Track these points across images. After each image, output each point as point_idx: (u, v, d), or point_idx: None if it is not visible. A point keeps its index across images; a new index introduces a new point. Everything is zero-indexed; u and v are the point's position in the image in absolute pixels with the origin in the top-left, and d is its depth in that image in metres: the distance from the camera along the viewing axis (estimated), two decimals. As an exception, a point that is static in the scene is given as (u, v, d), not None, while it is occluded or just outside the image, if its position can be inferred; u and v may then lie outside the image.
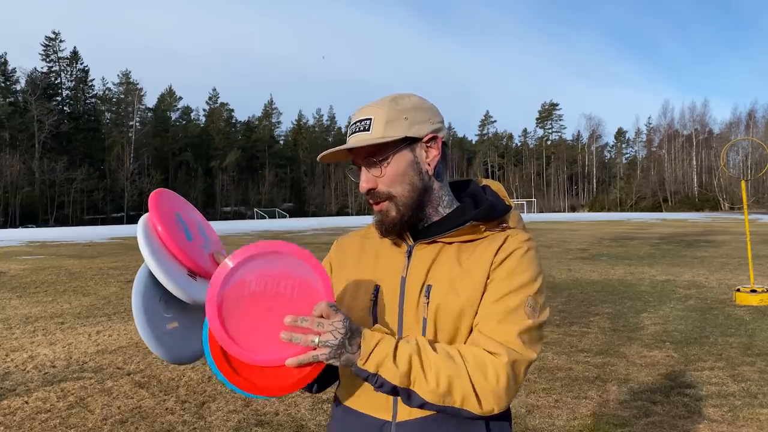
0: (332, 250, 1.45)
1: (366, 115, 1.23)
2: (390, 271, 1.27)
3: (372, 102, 1.26)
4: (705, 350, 5.68)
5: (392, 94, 1.28)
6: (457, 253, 1.24)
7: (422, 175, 1.24)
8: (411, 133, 1.22)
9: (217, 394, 4.59)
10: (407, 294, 1.23)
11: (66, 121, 75.95)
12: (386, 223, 1.24)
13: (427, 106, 1.27)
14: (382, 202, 1.24)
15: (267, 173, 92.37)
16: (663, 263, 13.57)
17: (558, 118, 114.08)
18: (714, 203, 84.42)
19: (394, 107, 1.23)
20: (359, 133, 1.23)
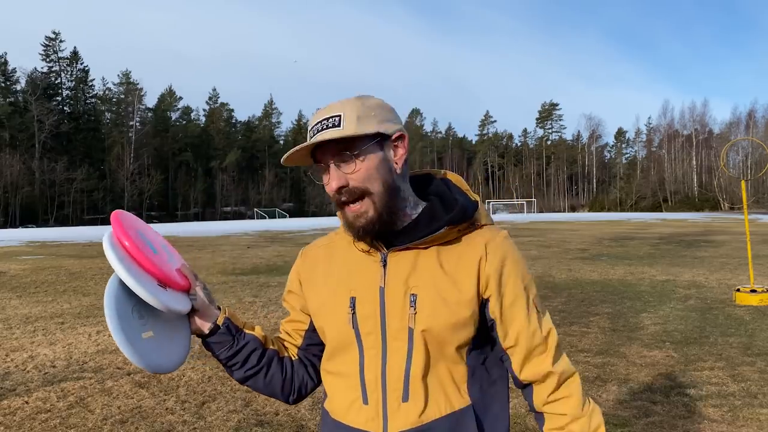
0: (298, 263, 1.39)
1: (333, 112, 1.17)
2: (365, 281, 1.22)
3: (334, 102, 1.21)
4: (705, 350, 5.68)
5: (349, 98, 1.22)
6: (437, 258, 1.21)
7: (392, 174, 1.20)
8: (381, 129, 1.18)
9: (217, 394, 4.59)
10: (388, 304, 1.19)
11: (66, 121, 75.98)
12: (363, 223, 1.18)
13: (390, 106, 1.24)
14: (357, 200, 1.18)
15: (267, 173, 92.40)
16: (663, 263, 13.57)
17: (558, 118, 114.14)
18: (714, 203, 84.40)
19: (361, 104, 1.19)
20: (328, 130, 1.16)
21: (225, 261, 15.68)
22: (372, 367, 1.20)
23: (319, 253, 1.36)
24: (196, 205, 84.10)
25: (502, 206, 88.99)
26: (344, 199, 1.18)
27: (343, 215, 1.21)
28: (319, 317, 1.29)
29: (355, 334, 1.21)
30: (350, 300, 1.23)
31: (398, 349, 1.19)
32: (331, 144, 1.16)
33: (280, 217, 74.67)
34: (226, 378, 4.98)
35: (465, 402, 1.21)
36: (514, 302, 1.22)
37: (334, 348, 1.26)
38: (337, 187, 1.17)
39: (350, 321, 1.22)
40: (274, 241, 24.80)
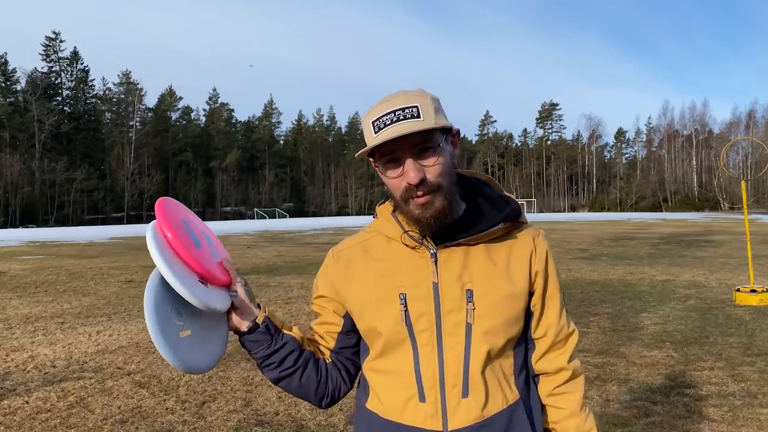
0: (330, 265, 1.33)
1: (410, 103, 1.13)
2: (415, 277, 1.21)
3: (398, 93, 1.17)
4: (705, 350, 5.68)
5: (409, 89, 1.19)
6: (488, 254, 1.23)
7: (454, 169, 1.22)
8: (448, 124, 1.18)
9: (217, 394, 4.59)
10: (444, 300, 1.19)
11: (66, 121, 75.95)
12: (433, 213, 1.15)
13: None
14: (428, 194, 1.15)
15: (267, 173, 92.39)
16: (663, 263, 13.57)
17: (558, 118, 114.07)
18: (714, 203, 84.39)
19: (430, 97, 1.16)
20: (407, 120, 1.12)
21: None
22: (428, 363, 1.19)
23: (353, 252, 1.31)
24: (196, 205, 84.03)
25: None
26: (419, 192, 1.14)
27: (406, 209, 1.18)
28: (365, 317, 1.25)
29: (408, 332, 1.20)
30: (400, 297, 1.20)
31: (455, 345, 1.18)
32: (409, 136, 1.12)
33: (280, 217, 74.67)
34: (226, 378, 4.99)
35: (516, 395, 1.24)
36: (551, 296, 1.29)
37: (384, 346, 1.23)
38: (418, 180, 1.13)
39: (402, 319, 1.20)
40: (274, 241, 24.80)
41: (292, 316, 7.67)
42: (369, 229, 1.33)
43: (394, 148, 1.14)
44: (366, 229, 1.34)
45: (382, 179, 1.22)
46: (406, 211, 1.18)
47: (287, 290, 10.06)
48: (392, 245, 1.25)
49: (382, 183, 1.24)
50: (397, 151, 1.14)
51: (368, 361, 1.29)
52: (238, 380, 4.92)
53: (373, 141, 1.14)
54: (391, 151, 1.14)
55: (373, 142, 1.14)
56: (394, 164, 1.16)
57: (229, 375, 5.07)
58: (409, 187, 1.14)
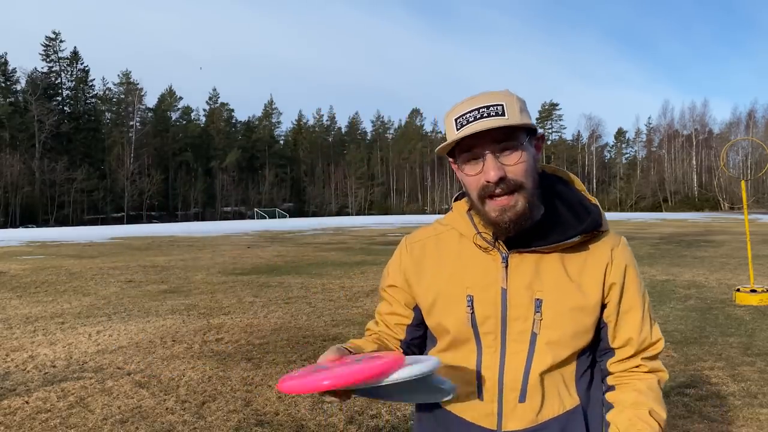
0: (403, 255, 1.31)
1: (495, 101, 1.11)
2: (484, 280, 1.19)
3: (482, 93, 1.15)
4: (705, 350, 5.68)
5: (495, 90, 1.18)
6: (562, 264, 1.20)
7: (536, 171, 1.18)
8: (533, 125, 1.15)
9: (217, 394, 4.59)
10: (511, 306, 1.18)
11: (66, 121, 75.95)
12: (513, 216, 1.12)
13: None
14: (509, 194, 1.11)
15: (267, 173, 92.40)
16: (663, 263, 13.57)
17: (558, 118, 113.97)
18: (714, 203, 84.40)
19: (516, 97, 1.15)
20: (491, 118, 1.10)
21: (225, 261, 15.68)
22: (490, 365, 1.20)
23: (427, 244, 1.30)
24: (196, 205, 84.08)
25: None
26: (498, 191, 1.11)
27: (482, 209, 1.15)
28: (434, 314, 1.25)
29: (474, 333, 1.20)
30: (467, 298, 1.20)
31: (518, 352, 1.18)
32: (491, 132, 1.10)
33: (280, 217, 74.67)
34: (226, 378, 4.99)
35: (575, 402, 1.23)
36: (631, 309, 1.23)
37: (450, 342, 1.24)
38: (497, 178, 1.09)
39: (469, 320, 1.20)
40: (274, 241, 24.80)
41: (292, 317, 7.67)
42: (443, 222, 1.32)
43: (475, 143, 1.11)
44: (441, 222, 1.33)
45: (460, 177, 1.19)
46: (483, 212, 1.15)
47: (287, 290, 10.06)
48: (464, 243, 1.25)
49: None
50: (478, 147, 1.12)
51: (434, 351, 1.30)
52: (238, 380, 4.92)
53: (455, 135, 1.12)
54: (472, 147, 1.12)
55: (455, 136, 1.11)
56: (474, 161, 1.13)
57: (229, 375, 5.07)
58: (487, 185, 1.11)
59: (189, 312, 8.16)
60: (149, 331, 6.90)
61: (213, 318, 7.67)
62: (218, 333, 6.71)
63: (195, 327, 7.09)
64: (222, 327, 7.03)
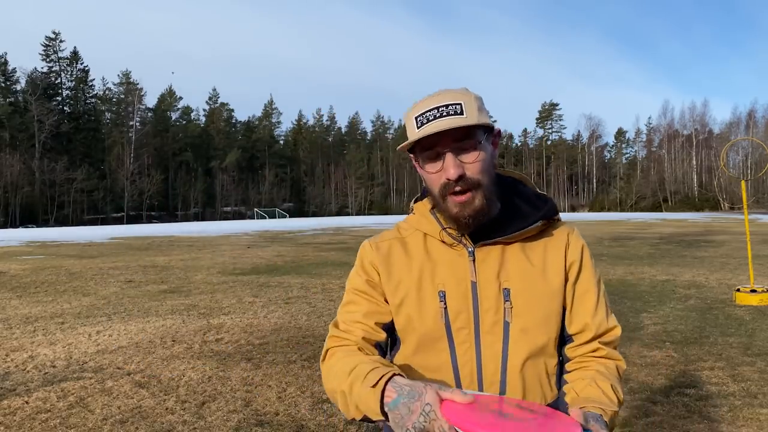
0: (371, 254, 1.30)
1: (453, 100, 1.15)
2: (454, 275, 1.22)
3: (442, 91, 1.18)
4: (705, 350, 5.68)
5: (453, 88, 1.20)
6: (524, 253, 1.24)
7: (494, 169, 1.22)
8: (490, 123, 1.18)
9: (217, 394, 4.59)
10: (482, 299, 1.20)
11: (66, 121, 75.96)
12: (471, 212, 1.16)
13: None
14: (468, 191, 1.16)
15: (267, 173, 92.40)
16: (663, 263, 13.57)
17: (558, 118, 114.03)
18: (714, 203, 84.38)
19: (474, 96, 1.18)
20: (450, 117, 1.13)
21: (225, 261, 15.68)
22: (466, 361, 1.20)
23: (392, 245, 1.30)
24: (196, 205, 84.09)
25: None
26: (458, 188, 1.15)
27: (444, 206, 1.19)
28: (403, 312, 1.24)
29: (446, 329, 1.20)
30: (439, 294, 1.21)
31: (493, 343, 1.20)
32: (450, 132, 1.13)
33: (280, 217, 74.67)
34: (226, 378, 4.99)
35: (555, 395, 1.24)
36: (586, 292, 1.28)
37: (419, 343, 1.23)
38: (457, 176, 1.14)
39: (442, 316, 1.20)
40: (274, 241, 24.80)
41: (292, 317, 7.67)
42: (405, 226, 1.33)
43: (435, 142, 1.15)
44: (401, 226, 1.34)
45: (421, 174, 1.23)
46: (444, 207, 1.19)
47: (287, 290, 10.06)
48: (430, 242, 1.26)
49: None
50: (438, 146, 1.15)
51: (401, 354, 1.27)
52: (238, 380, 4.92)
53: (415, 135, 1.15)
54: (432, 146, 1.16)
55: (415, 136, 1.15)
56: (434, 159, 1.17)
57: (229, 375, 5.07)
58: (447, 182, 1.15)
59: (189, 312, 8.16)
60: (149, 331, 6.90)
61: (213, 318, 7.67)
62: (218, 333, 6.70)
63: (195, 327, 7.09)
64: (222, 327, 7.03)
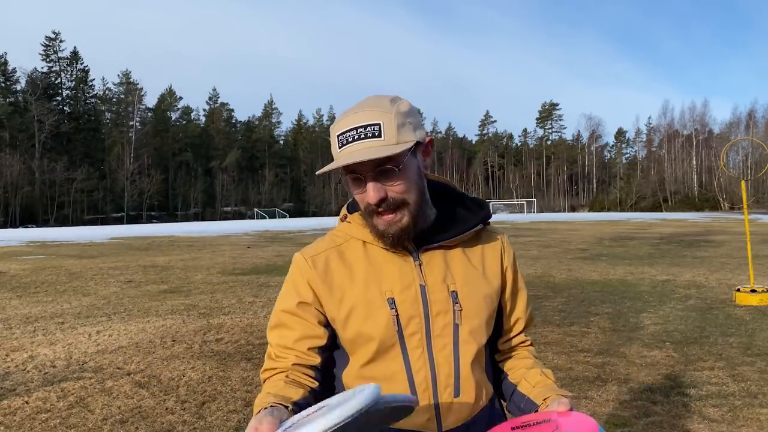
0: (306, 270, 1.25)
1: (371, 120, 1.12)
2: (402, 281, 1.20)
3: (365, 105, 1.15)
4: (705, 350, 5.68)
5: (381, 95, 1.18)
6: (464, 255, 1.26)
7: (423, 180, 1.21)
8: (417, 138, 1.16)
9: (217, 394, 4.59)
10: (432, 302, 1.20)
11: (66, 121, 75.98)
12: (396, 231, 1.16)
13: (416, 109, 1.22)
14: (392, 211, 1.15)
15: (267, 173, 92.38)
16: (663, 263, 13.57)
17: (558, 118, 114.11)
18: (714, 203, 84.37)
19: (398, 111, 1.14)
20: (368, 140, 1.11)
21: (225, 261, 15.68)
22: (420, 366, 1.19)
23: (329, 256, 1.26)
24: (196, 205, 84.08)
25: (502, 206, 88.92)
26: (381, 210, 1.15)
27: (371, 222, 1.19)
28: (352, 323, 1.20)
29: (399, 336, 1.19)
30: (389, 301, 1.19)
31: (445, 346, 1.20)
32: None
33: (280, 217, 74.66)
34: (226, 378, 4.99)
35: (491, 389, 1.30)
36: (519, 290, 1.36)
37: (371, 354, 1.20)
38: (378, 200, 1.13)
39: (394, 323, 1.18)
40: (274, 241, 24.80)
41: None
42: (340, 234, 1.30)
43: (356, 168, 1.13)
44: (336, 234, 1.30)
45: (347, 191, 1.24)
46: (371, 224, 1.19)
47: (287, 290, 10.05)
48: (370, 249, 1.24)
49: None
50: (359, 171, 1.14)
51: (351, 369, 1.23)
52: (238, 380, 4.92)
53: (337, 157, 1.14)
54: (353, 170, 1.14)
55: (334, 164, 1.13)
56: (357, 182, 1.16)
57: (229, 375, 5.07)
58: (369, 205, 1.15)
59: (189, 312, 8.16)
60: (149, 331, 6.90)
61: (213, 318, 7.67)
62: (218, 333, 6.70)
63: (195, 327, 7.09)
64: (222, 327, 7.03)
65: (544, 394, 1.21)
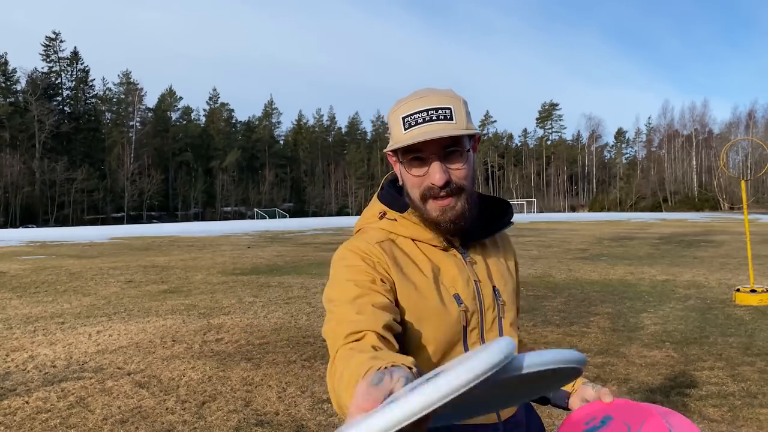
0: (378, 254, 1.16)
1: (444, 104, 1.14)
2: (458, 278, 1.22)
3: (430, 91, 1.16)
4: (705, 350, 5.68)
5: (440, 88, 1.19)
6: (495, 251, 1.34)
7: (476, 172, 1.24)
8: (476, 130, 1.18)
9: (217, 394, 4.59)
10: (483, 297, 1.24)
11: (66, 121, 75.94)
12: (453, 216, 1.16)
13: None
14: (451, 197, 1.15)
15: (267, 173, 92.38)
16: (663, 263, 13.57)
17: (558, 118, 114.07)
18: (714, 203, 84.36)
19: (461, 99, 1.18)
20: (440, 122, 1.12)
21: (225, 261, 15.68)
22: None
23: (391, 246, 1.20)
24: (196, 205, 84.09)
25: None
26: (442, 193, 1.14)
27: (424, 208, 1.17)
28: (423, 320, 1.15)
29: (463, 333, 1.21)
30: (455, 297, 1.20)
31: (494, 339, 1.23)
32: (440, 137, 1.12)
33: (280, 217, 74.66)
34: (226, 378, 4.99)
35: None
36: (518, 281, 1.43)
37: (436, 350, 1.17)
38: (443, 182, 1.13)
39: (462, 319, 1.20)
40: (274, 241, 24.80)
41: (292, 317, 7.67)
42: (383, 231, 1.22)
43: (423, 147, 1.13)
44: (380, 230, 1.23)
45: (400, 173, 1.21)
46: (423, 210, 1.18)
47: (287, 290, 10.06)
48: (420, 246, 1.23)
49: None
50: (425, 151, 1.13)
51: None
52: (238, 380, 4.92)
53: (403, 138, 1.13)
54: (419, 150, 1.14)
55: (404, 140, 1.12)
56: (419, 163, 1.15)
57: (229, 375, 5.07)
58: (432, 187, 1.14)
59: (189, 312, 8.16)
60: (149, 331, 6.90)
61: (213, 318, 7.67)
62: (218, 333, 6.70)
63: (195, 327, 7.09)
64: (222, 327, 7.03)
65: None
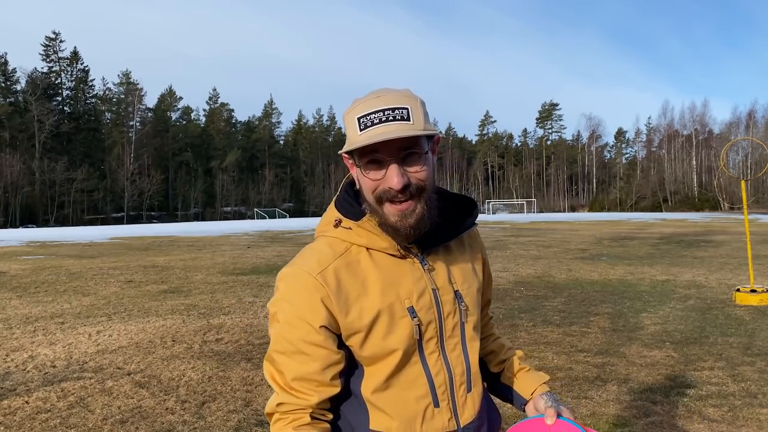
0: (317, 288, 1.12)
1: (400, 104, 1.09)
2: (416, 287, 1.17)
3: (386, 91, 1.12)
4: (705, 350, 5.68)
5: (396, 88, 1.15)
6: (459, 252, 1.29)
7: (435, 173, 1.20)
8: (434, 131, 1.13)
9: (217, 394, 4.59)
10: (443, 304, 1.20)
11: (66, 121, 75.94)
12: (414, 222, 1.11)
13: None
14: (410, 199, 1.10)
15: (267, 173, 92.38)
16: (663, 263, 13.57)
17: (558, 118, 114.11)
18: (714, 203, 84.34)
19: (418, 100, 1.13)
20: (397, 122, 1.07)
21: (225, 261, 15.68)
22: (439, 370, 1.20)
23: (337, 269, 1.15)
24: (196, 205, 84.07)
25: (502, 206, 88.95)
26: (400, 197, 1.09)
27: (381, 213, 1.12)
28: (374, 340, 1.14)
29: (418, 344, 1.18)
30: (409, 310, 1.15)
31: (455, 346, 1.23)
32: (396, 139, 1.07)
33: (280, 217, 74.65)
34: (226, 378, 4.99)
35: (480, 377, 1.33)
36: (490, 275, 1.43)
37: (397, 365, 1.16)
38: (401, 186, 1.08)
39: (416, 332, 1.16)
40: (274, 241, 24.80)
41: (292, 316, 7.66)
42: (338, 242, 1.19)
43: (379, 148, 1.08)
44: (333, 243, 1.19)
45: (356, 177, 1.17)
46: (381, 214, 1.12)
47: (287, 290, 10.05)
48: (376, 256, 1.17)
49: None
50: (382, 153, 1.08)
51: (371, 382, 1.17)
52: (238, 380, 4.92)
53: (359, 139, 1.08)
54: (375, 151, 1.09)
55: (360, 141, 1.07)
56: (376, 166, 1.10)
57: (229, 375, 5.07)
58: (389, 190, 1.09)
59: (189, 312, 8.16)
60: (149, 331, 6.90)
61: (213, 318, 7.67)
62: (218, 333, 6.70)
63: (195, 327, 7.09)
64: (222, 327, 7.03)
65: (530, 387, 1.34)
